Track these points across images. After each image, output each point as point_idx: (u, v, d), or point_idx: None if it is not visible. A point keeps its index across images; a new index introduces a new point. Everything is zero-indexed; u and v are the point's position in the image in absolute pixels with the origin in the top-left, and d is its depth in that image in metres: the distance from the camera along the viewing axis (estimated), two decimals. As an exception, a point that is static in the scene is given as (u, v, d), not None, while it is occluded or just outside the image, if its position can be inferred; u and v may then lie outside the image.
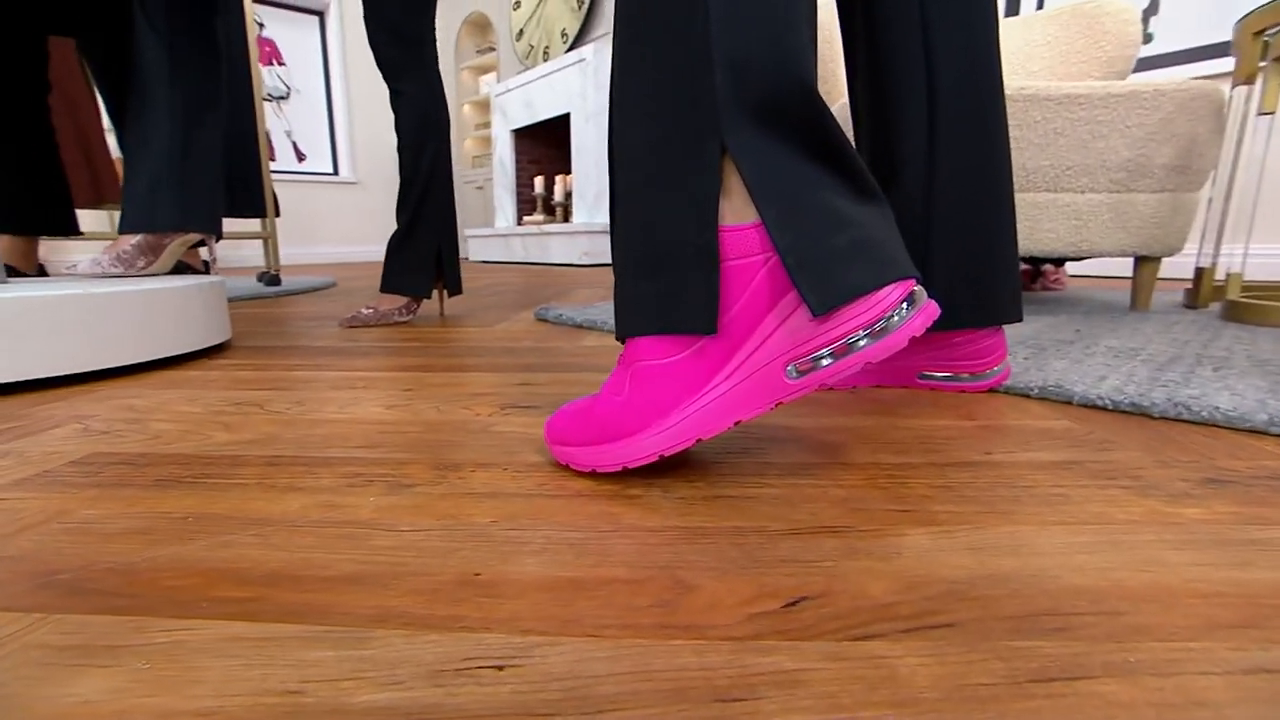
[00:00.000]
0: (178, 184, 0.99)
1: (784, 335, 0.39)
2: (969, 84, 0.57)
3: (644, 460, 0.41)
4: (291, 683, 0.23)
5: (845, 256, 0.38)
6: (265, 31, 3.96)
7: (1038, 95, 1.11)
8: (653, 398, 0.41)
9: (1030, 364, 0.71)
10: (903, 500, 0.39)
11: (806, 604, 0.28)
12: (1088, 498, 0.39)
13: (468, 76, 4.86)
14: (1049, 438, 0.50)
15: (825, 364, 0.38)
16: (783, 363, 0.39)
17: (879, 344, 0.37)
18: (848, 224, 0.38)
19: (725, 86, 0.38)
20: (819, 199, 0.39)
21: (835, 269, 0.37)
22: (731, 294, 0.40)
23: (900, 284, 0.38)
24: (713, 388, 0.40)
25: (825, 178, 0.40)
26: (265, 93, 4.03)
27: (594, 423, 0.43)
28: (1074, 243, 1.15)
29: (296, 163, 4.22)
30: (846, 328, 0.37)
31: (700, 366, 0.41)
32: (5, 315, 0.66)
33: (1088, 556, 0.32)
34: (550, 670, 0.24)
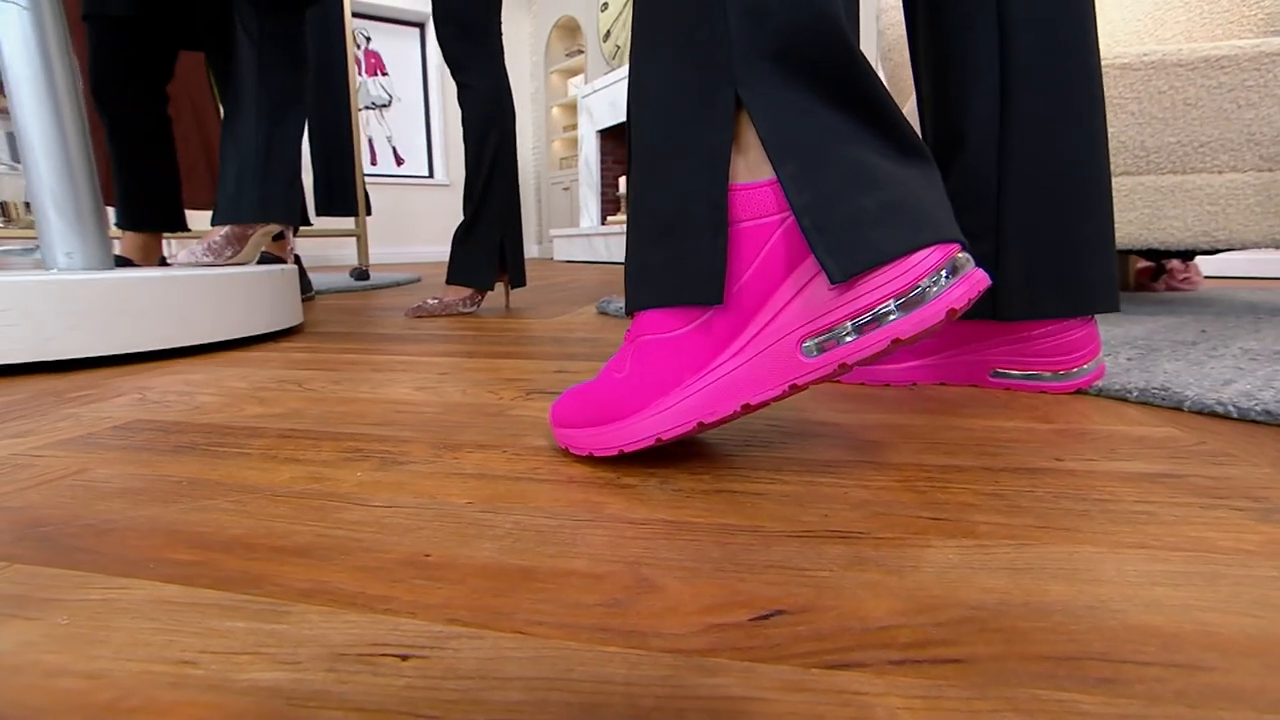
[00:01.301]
0: (260, 178, 1.06)
1: (800, 306, 0.34)
2: (1051, 39, 0.48)
3: (640, 444, 0.37)
4: (190, 652, 0.22)
5: (872, 218, 0.32)
6: (372, 44, 4.26)
7: (1164, 61, 0.96)
8: (653, 375, 0.37)
9: (1134, 365, 0.60)
10: (938, 507, 0.33)
11: (781, 619, 0.23)
12: (1184, 518, 0.31)
13: (557, 80, 4.98)
14: (1144, 446, 0.42)
15: (848, 340, 0.32)
16: (798, 338, 0.34)
17: (911, 316, 0.31)
18: (878, 182, 0.33)
19: (741, 30, 0.34)
20: (845, 153, 0.33)
21: (858, 231, 0.32)
22: (742, 260, 0.35)
23: (939, 248, 0.32)
24: (718, 365, 0.36)
25: (856, 131, 0.34)
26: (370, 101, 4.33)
27: (593, 402, 0.39)
28: (1207, 232, 0.99)
29: (396, 166, 4.50)
30: (871, 298, 0.31)
31: (706, 341, 0.36)
32: (93, 298, 0.72)
33: (1169, 590, 0.25)
34: (456, 666, 0.21)
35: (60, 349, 0.70)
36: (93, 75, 1.20)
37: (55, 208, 0.86)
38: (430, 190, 4.74)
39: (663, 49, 0.37)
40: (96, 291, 0.72)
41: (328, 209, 2.15)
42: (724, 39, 0.35)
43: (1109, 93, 0.97)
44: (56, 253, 0.86)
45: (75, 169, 0.87)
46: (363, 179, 2.19)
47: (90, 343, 0.72)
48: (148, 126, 1.27)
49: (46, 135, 0.84)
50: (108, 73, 1.20)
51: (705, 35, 0.35)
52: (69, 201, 0.86)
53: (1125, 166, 0.98)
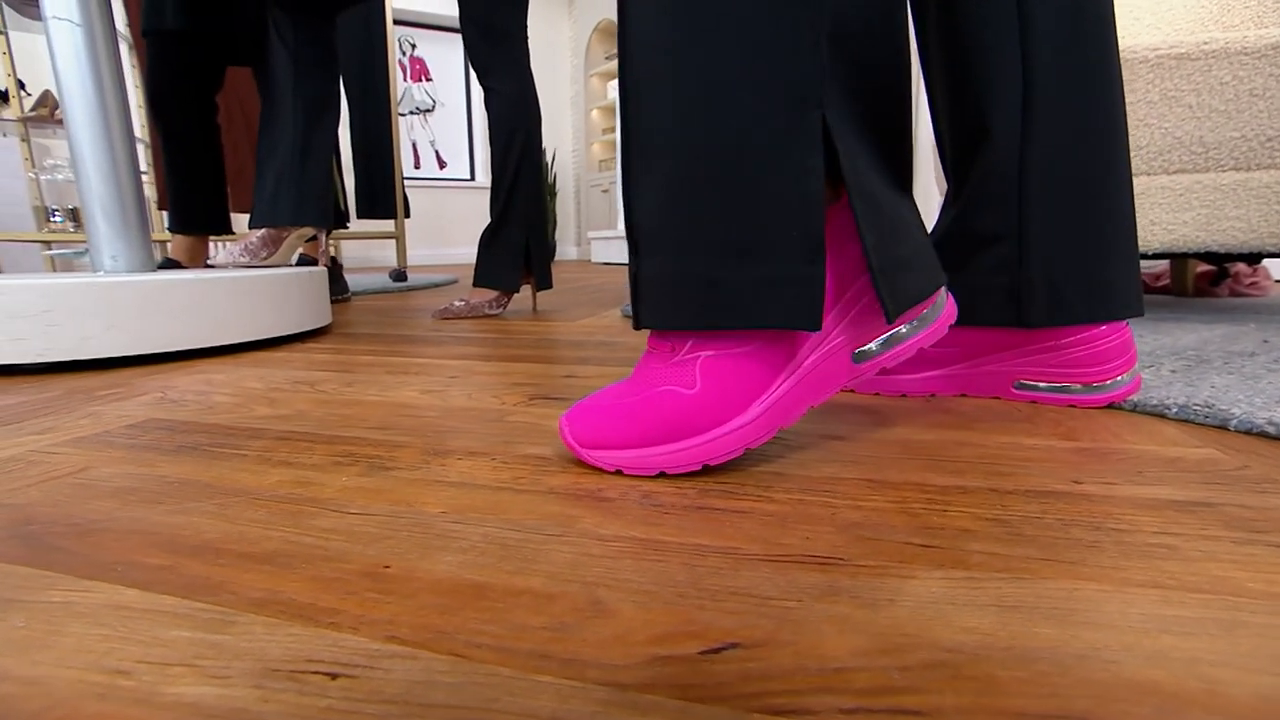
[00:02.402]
0: (296, 182, 1.09)
1: (850, 325, 0.39)
2: (1072, 35, 0.45)
3: (728, 456, 0.38)
4: (127, 662, 0.21)
5: (908, 263, 0.39)
6: (417, 51, 4.37)
7: (1227, 49, 0.89)
8: (732, 389, 0.38)
9: (1177, 378, 0.56)
10: (931, 532, 0.30)
11: (732, 653, 0.22)
12: (1210, 554, 0.28)
13: (596, 83, 5.01)
14: (1175, 469, 0.38)
15: (874, 352, 0.41)
16: (849, 349, 0.40)
17: (923, 333, 0.41)
18: (907, 228, 0.40)
19: (830, 51, 0.34)
20: (888, 195, 0.39)
21: (904, 276, 0.38)
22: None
23: (943, 288, 0.42)
24: (788, 376, 0.39)
25: (880, 162, 0.38)
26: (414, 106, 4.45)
27: (653, 421, 0.37)
28: (1275, 233, 0.91)
29: (438, 170, 4.61)
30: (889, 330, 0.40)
31: (776, 354, 0.38)
32: (129, 299, 0.75)
33: (1178, 639, 0.22)
34: (382, 689, 0.20)
35: (98, 348, 0.73)
36: (149, 88, 1.26)
37: (103, 214, 0.90)
38: (471, 193, 4.83)
39: (732, 48, 0.34)
40: (132, 293, 0.76)
41: (369, 212, 2.22)
42: (816, 58, 0.34)
43: (1163, 86, 0.91)
44: (103, 256, 0.90)
45: (122, 178, 0.91)
46: (402, 182, 2.24)
47: (126, 342, 0.75)
48: (198, 135, 1.33)
49: (96, 146, 0.88)
50: (164, 85, 1.26)
51: (792, 47, 0.34)
52: (116, 208, 0.90)
53: (1180, 164, 0.91)
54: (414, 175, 4.51)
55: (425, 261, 4.66)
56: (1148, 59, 0.91)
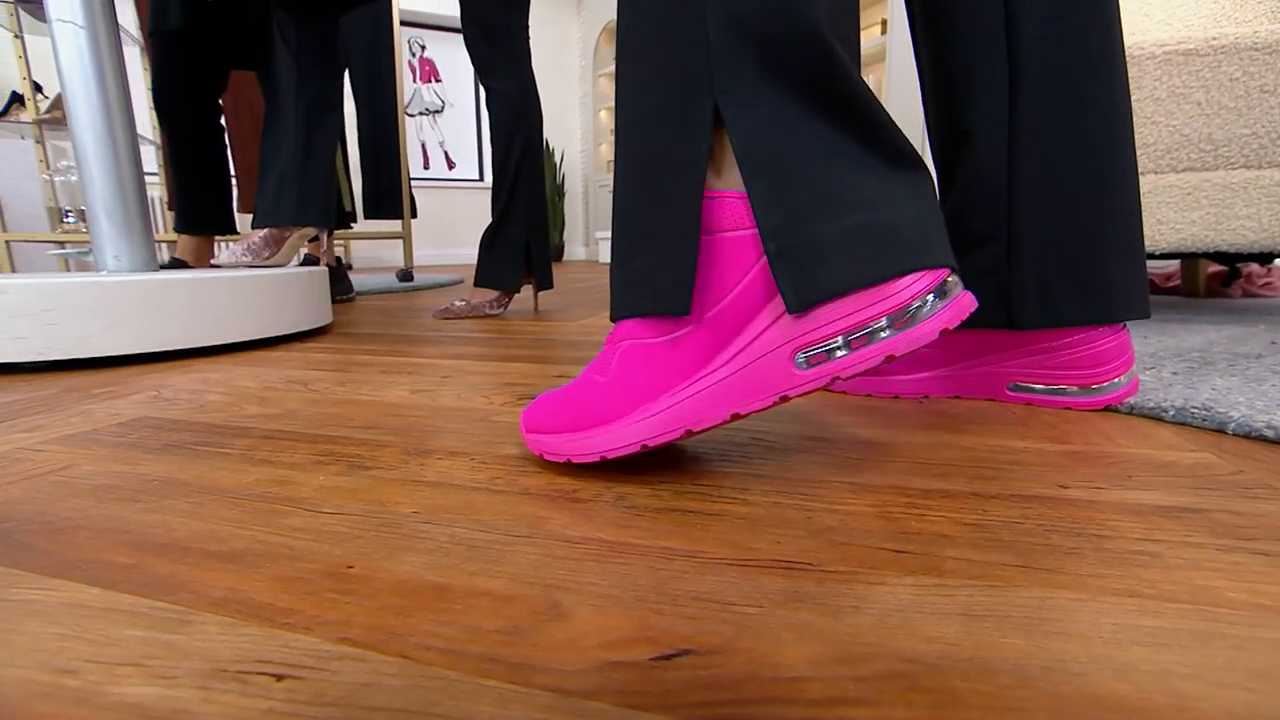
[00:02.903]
0: (297, 183, 1.10)
1: (791, 321, 0.33)
2: (1064, 24, 0.44)
3: (625, 450, 0.36)
4: (77, 661, 0.21)
5: (836, 245, 0.32)
6: (426, 53, 4.39)
7: (1237, 45, 0.87)
8: (640, 380, 0.36)
9: (1178, 380, 0.54)
10: (906, 537, 0.30)
11: (685, 660, 0.21)
12: (1192, 562, 0.27)
13: (605, 83, 5.02)
14: (1167, 473, 0.37)
15: (840, 355, 0.33)
16: (791, 350, 0.33)
17: (904, 335, 0.32)
18: (852, 204, 0.32)
19: (719, 37, 0.33)
20: (821, 171, 0.33)
21: (819, 260, 0.32)
22: (729, 271, 0.34)
23: (924, 274, 0.32)
24: (709, 373, 0.35)
25: (837, 144, 0.33)
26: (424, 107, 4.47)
27: (572, 407, 0.38)
28: (1287, 232, 0.89)
29: (448, 170, 4.63)
30: (860, 316, 0.32)
31: (696, 348, 0.35)
32: (128, 299, 0.76)
33: (1149, 651, 0.21)
34: (327, 691, 0.20)
35: (97, 347, 0.74)
36: (155, 88, 1.27)
37: (106, 214, 0.91)
38: (480, 193, 4.85)
39: (645, 57, 0.36)
40: (131, 292, 0.76)
41: (375, 212, 2.23)
42: (703, 46, 0.33)
43: (1170, 83, 0.89)
44: (106, 256, 0.91)
45: (125, 179, 0.92)
46: (408, 183, 2.26)
47: (125, 341, 0.76)
48: (203, 136, 1.34)
49: (100, 147, 0.89)
50: (169, 86, 1.27)
51: (685, 42, 0.34)
52: (119, 209, 0.91)
53: (1189, 162, 0.89)
54: (423, 176, 4.53)
55: (434, 261, 4.69)
56: (1155, 55, 0.89)
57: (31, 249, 2.73)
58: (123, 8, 2.14)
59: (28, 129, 2.43)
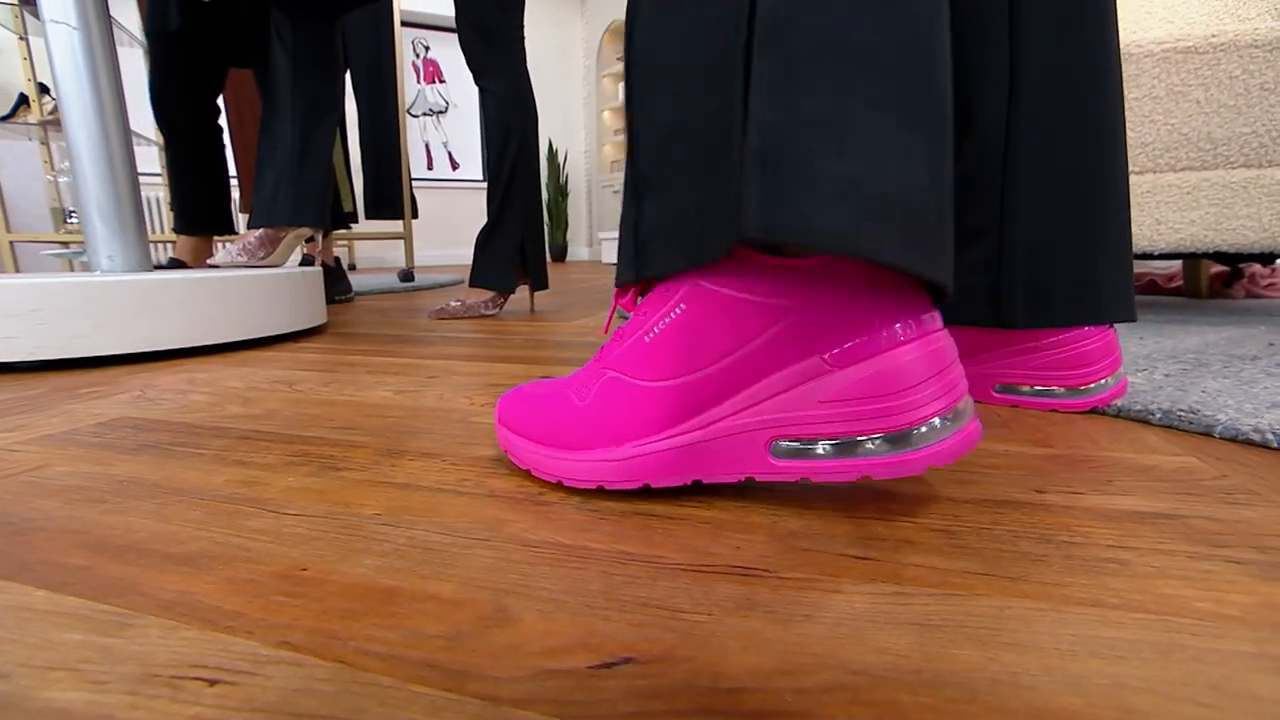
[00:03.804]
0: (293, 183, 1.10)
1: (788, 401, 0.31)
2: (1065, 28, 0.43)
3: (582, 485, 0.35)
4: (10, 665, 0.21)
5: (831, 190, 0.26)
6: (430, 53, 4.41)
7: (1237, 42, 0.86)
8: (613, 417, 0.34)
9: (1169, 382, 0.53)
10: (870, 543, 0.29)
11: (624, 668, 0.21)
12: (1162, 570, 0.26)
13: (609, 83, 5.01)
14: (1148, 478, 0.36)
15: (819, 455, 0.31)
16: (771, 435, 0.31)
17: (890, 459, 0.29)
18: (871, 152, 0.26)
19: None
20: (858, 78, 0.26)
21: (808, 194, 0.26)
22: (730, 334, 0.31)
23: (937, 391, 0.29)
24: (684, 431, 0.33)
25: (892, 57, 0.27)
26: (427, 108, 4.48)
27: (544, 417, 0.37)
28: (1289, 232, 0.88)
29: (451, 171, 4.64)
30: (859, 426, 0.30)
31: (676, 402, 0.33)
32: (118, 299, 0.76)
33: (1105, 663, 0.21)
34: (257, 697, 0.19)
35: (86, 347, 0.74)
36: (154, 88, 1.28)
37: (100, 215, 0.91)
38: (481, 193, 4.86)
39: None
40: (122, 292, 0.76)
41: (376, 212, 2.24)
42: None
43: (1169, 81, 0.88)
44: (100, 256, 0.92)
45: (119, 180, 0.92)
46: (409, 183, 2.26)
47: (114, 341, 0.76)
48: (201, 136, 1.35)
49: (93, 148, 0.90)
50: (167, 87, 1.27)
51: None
52: (112, 209, 0.92)
53: (1188, 161, 0.88)
54: (426, 176, 4.55)
55: (437, 261, 4.70)
56: (1153, 53, 0.88)
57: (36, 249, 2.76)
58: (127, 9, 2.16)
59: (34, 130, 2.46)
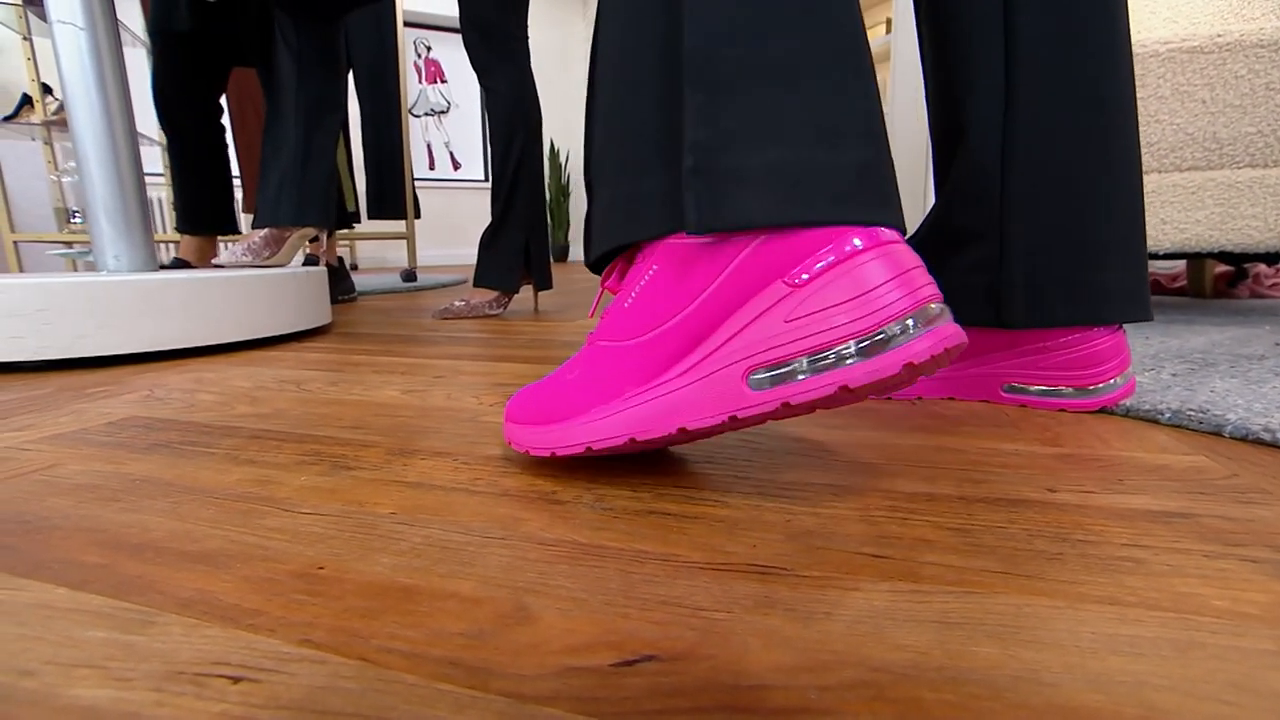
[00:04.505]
0: (297, 183, 1.11)
1: (757, 331, 0.31)
2: (1064, 18, 0.43)
3: (570, 450, 0.36)
4: (35, 662, 0.21)
5: (758, 176, 0.30)
6: (432, 54, 4.41)
7: (1242, 42, 0.86)
8: (598, 381, 0.36)
9: (1177, 381, 0.53)
10: (886, 542, 0.29)
11: (646, 666, 0.21)
12: (1177, 568, 0.26)
13: (610, 85, 5.02)
14: (1159, 477, 0.36)
15: (800, 377, 0.29)
16: (747, 366, 0.31)
17: (868, 363, 0.28)
18: (791, 133, 0.30)
19: None
20: (772, 89, 0.30)
21: (737, 186, 0.30)
22: (697, 277, 0.33)
23: (902, 293, 0.28)
24: (664, 381, 0.34)
25: (805, 54, 0.30)
26: (429, 108, 4.48)
27: (541, 399, 0.38)
28: (1294, 232, 0.88)
29: (453, 171, 4.64)
30: (830, 335, 0.29)
31: (657, 354, 0.34)
32: (123, 299, 0.76)
33: (1125, 660, 0.21)
34: (282, 694, 0.19)
35: (92, 346, 0.74)
36: (156, 89, 1.28)
37: (106, 215, 0.91)
38: (485, 194, 4.86)
39: None
40: (125, 292, 0.77)
41: (379, 212, 2.24)
42: None
43: (1174, 80, 0.88)
44: (106, 256, 0.92)
45: (125, 180, 0.92)
46: (412, 183, 2.26)
47: (119, 341, 0.76)
48: (204, 136, 1.35)
49: (100, 148, 0.90)
50: (171, 86, 1.28)
51: None
52: (118, 209, 0.92)
53: (1193, 161, 0.88)
54: (428, 176, 4.55)
55: (439, 262, 4.70)
56: (1159, 53, 0.88)
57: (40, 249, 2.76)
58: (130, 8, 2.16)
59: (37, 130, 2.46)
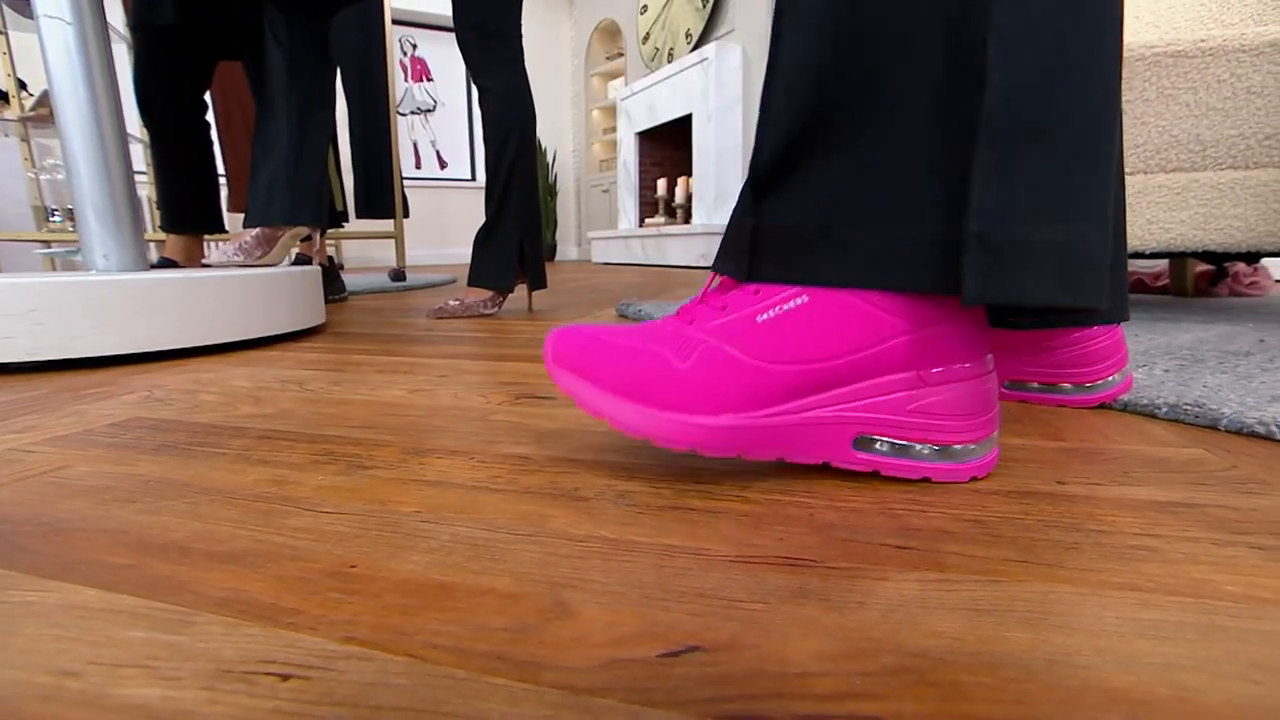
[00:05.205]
0: (289, 182, 1.09)
1: (882, 404, 0.35)
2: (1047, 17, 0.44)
3: (675, 446, 0.35)
4: (78, 663, 0.21)
5: (1041, 253, 0.30)
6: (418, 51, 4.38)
7: (1225, 47, 0.88)
8: (714, 385, 0.35)
9: (1170, 377, 0.55)
10: (908, 534, 0.30)
11: (693, 656, 0.21)
12: (1190, 556, 0.27)
13: (597, 83, 5.01)
14: (1162, 469, 0.38)
15: (879, 449, 0.36)
16: (856, 430, 0.35)
17: (941, 465, 0.36)
18: (1075, 211, 0.31)
19: None
20: (1065, 158, 0.31)
21: (1019, 262, 0.30)
22: (855, 336, 0.34)
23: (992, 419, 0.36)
24: (779, 412, 0.35)
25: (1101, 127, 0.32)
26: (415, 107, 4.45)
27: (635, 373, 0.36)
28: (1273, 232, 0.90)
29: (439, 170, 4.61)
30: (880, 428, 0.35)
31: (782, 385, 0.35)
32: (116, 298, 0.75)
33: (1152, 644, 0.22)
34: (334, 690, 0.20)
35: (86, 347, 0.73)
36: (138, 84, 1.25)
37: (95, 213, 0.90)
38: (471, 193, 4.83)
39: None
40: (119, 292, 0.75)
41: (367, 211, 2.22)
42: None
43: (1160, 84, 0.90)
44: (95, 255, 0.90)
45: (114, 177, 0.91)
46: (400, 182, 2.24)
47: (114, 341, 0.75)
48: (188, 133, 1.32)
49: (88, 145, 0.88)
50: (153, 81, 1.25)
51: None
52: (107, 208, 0.90)
53: (1177, 162, 0.90)
54: (415, 175, 4.51)
55: (426, 261, 4.66)
56: (1145, 57, 0.90)
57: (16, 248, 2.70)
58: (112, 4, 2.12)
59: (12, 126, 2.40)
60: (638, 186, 4.23)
